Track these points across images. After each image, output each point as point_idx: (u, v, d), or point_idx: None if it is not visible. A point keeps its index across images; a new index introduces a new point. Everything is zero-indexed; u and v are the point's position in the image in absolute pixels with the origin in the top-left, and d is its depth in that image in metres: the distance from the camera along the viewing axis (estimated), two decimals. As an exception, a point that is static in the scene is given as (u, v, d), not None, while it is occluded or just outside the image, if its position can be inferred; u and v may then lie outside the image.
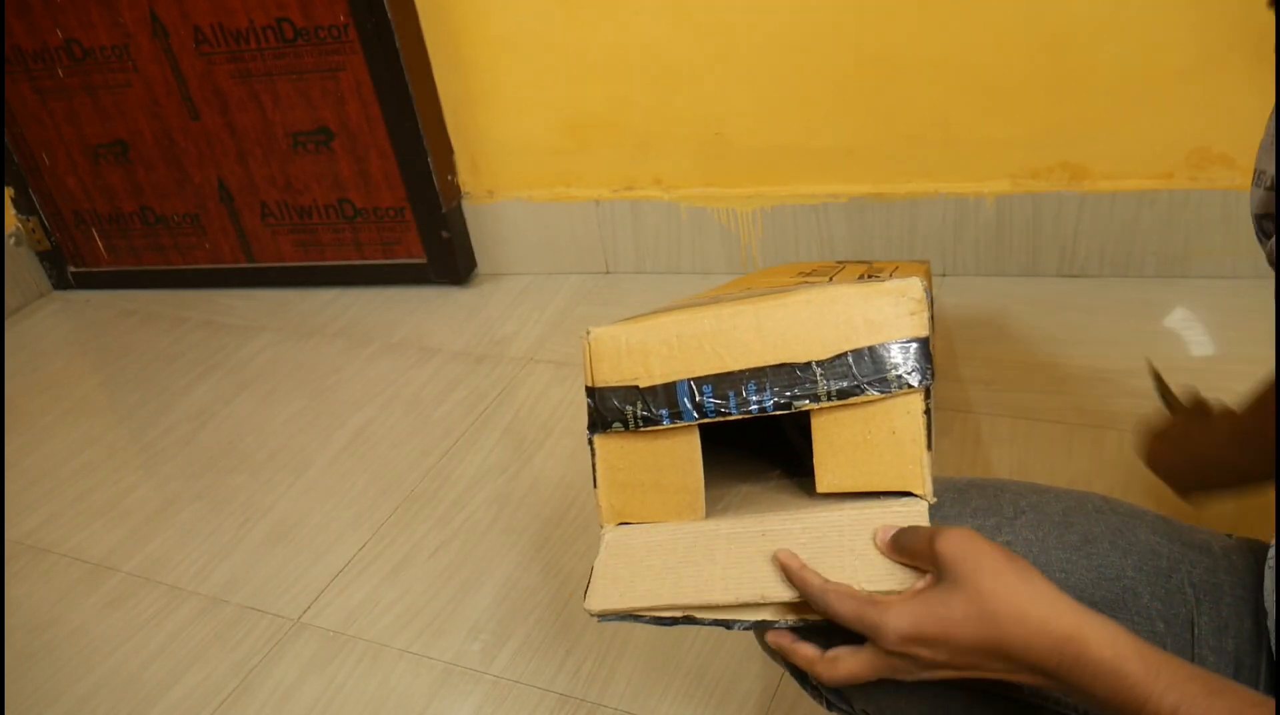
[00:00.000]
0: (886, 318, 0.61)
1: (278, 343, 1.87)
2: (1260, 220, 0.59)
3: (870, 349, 0.61)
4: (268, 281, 2.06)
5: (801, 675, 0.69)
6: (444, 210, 1.85)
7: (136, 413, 1.73)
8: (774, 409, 0.61)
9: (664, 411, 0.63)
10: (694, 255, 1.79)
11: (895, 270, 0.94)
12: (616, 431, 0.64)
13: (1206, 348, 1.42)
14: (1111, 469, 1.20)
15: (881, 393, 0.60)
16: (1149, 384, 0.95)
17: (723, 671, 1.06)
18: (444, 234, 1.87)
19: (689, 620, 0.61)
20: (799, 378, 0.61)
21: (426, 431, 1.53)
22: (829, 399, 0.61)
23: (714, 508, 0.67)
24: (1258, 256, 1.48)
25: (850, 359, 0.61)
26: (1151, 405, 0.93)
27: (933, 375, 0.61)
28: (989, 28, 1.45)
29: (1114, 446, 1.24)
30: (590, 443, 0.67)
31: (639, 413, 0.64)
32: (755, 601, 0.59)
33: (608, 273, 1.88)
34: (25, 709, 1.17)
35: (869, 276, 0.86)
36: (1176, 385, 0.90)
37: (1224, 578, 0.60)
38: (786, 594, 0.58)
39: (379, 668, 1.14)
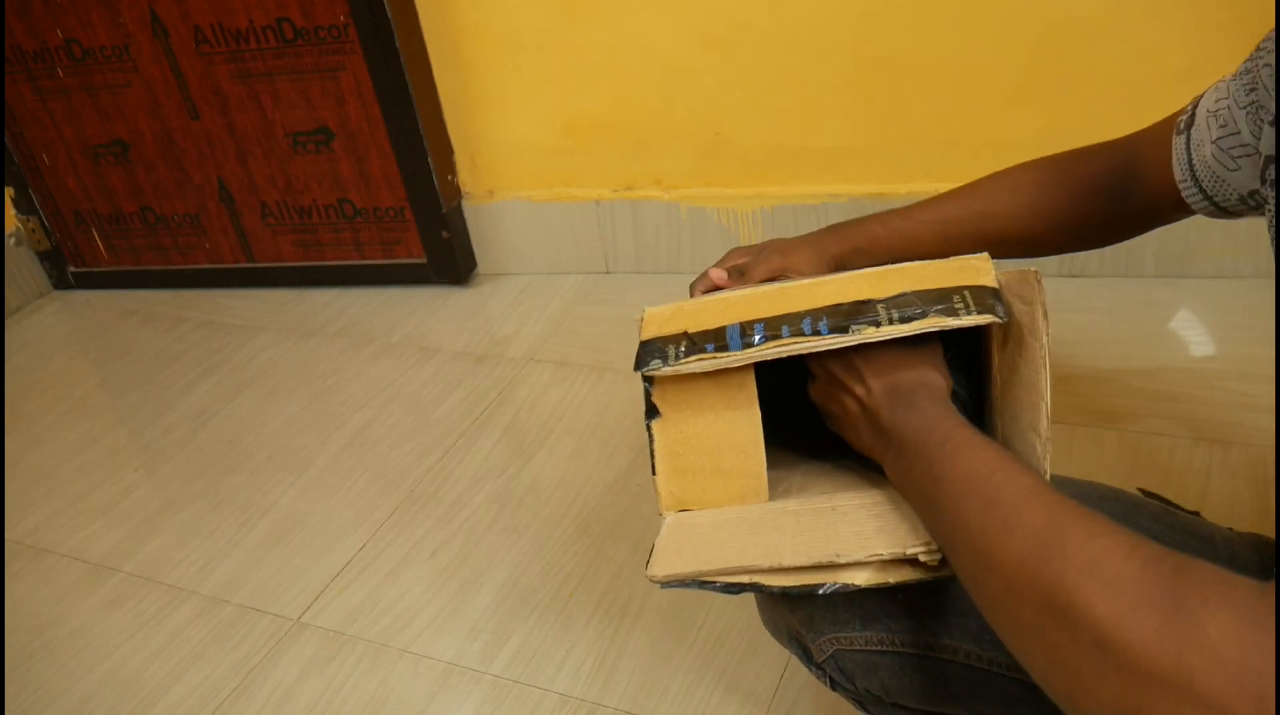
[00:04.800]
0: (951, 271, 0.60)
1: (278, 343, 1.87)
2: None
3: (937, 289, 0.59)
4: (268, 281, 2.06)
5: (808, 656, 0.69)
6: (444, 210, 1.85)
7: (136, 413, 1.73)
8: (829, 332, 0.58)
9: (710, 346, 0.60)
10: (694, 255, 1.79)
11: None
12: (655, 369, 0.61)
13: (1206, 348, 1.42)
14: (1112, 469, 1.20)
15: (948, 317, 0.57)
16: (1149, 384, 0.95)
17: (724, 670, 1.06)
18: (444, 234, 1.87)
19: (756, 587, 0.59)
20: (859, 310, 0.59)
21: (426, 431, 1.53)
22: (890, 323, 0.57)
23: (775, 490, 0.66)
24: (1258, 256, 1.48)
25: (914, 296, 0.59)
26: (1152, 405, 0.93)
27: (1008, 314, 0.58)
28: (989, 28, 1.45)
29: (1114, 446, 1.24)
30: (648, 429, 0.64)
31: (681, 349, 0.61)
32: (828, 562, 0.57)
33: (608, 273, 1.88)
34: (25, 709, 1.17)
35: None
36: None
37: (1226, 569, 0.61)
38: (860, 553, 0.57)
39: (379, 668, 1.14)
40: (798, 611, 0.68)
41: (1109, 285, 1.55)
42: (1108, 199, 0.75)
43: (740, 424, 0.63)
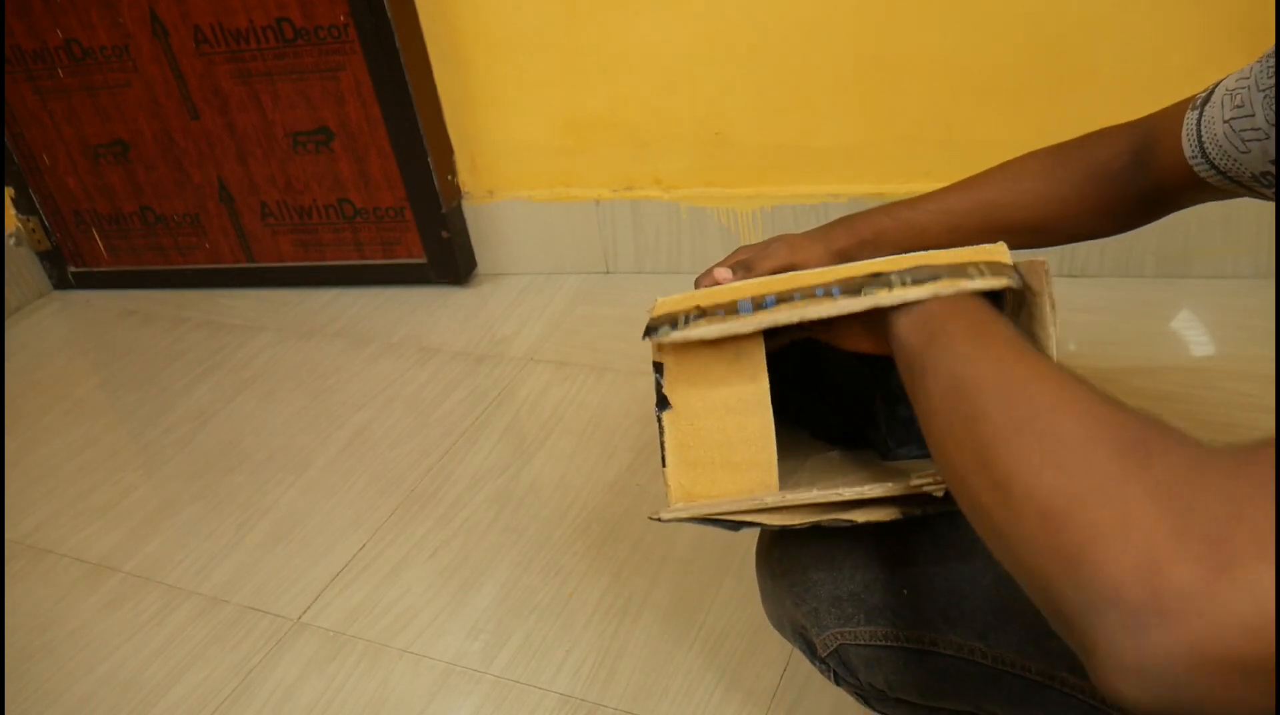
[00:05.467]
0: (966, 252, 0.60)
1: (278, 343, 1.87)
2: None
3: (950, 264, 0.58)
4: (268, 281, 2.06)
5: (812, 650, 0.69)
6: (444, 210, 1.85)
7: (136, 413, 1.73)
8: (841, 295, 0.57)
9: (720, 312, 0.60)
10: (694, 255, 1.79)
11: None
12: (665, 336, 0.60)
13: (1207, 347, 1.42)
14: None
15: (961, 278, 0.56)
16: (1149, 384, 0.95)
17: (724, 670, 1.06)
18: (444, 234, 1.87)
19: (754, 525, 0.60)
20: (872, 280, 0.58)
21: (426, 431, 1.53)
22: (903, 286, 0.56)
23: (785, 482, 0.65)
24: (1258, 256, 1.48)
25: (928, 267, 0.58)
26: (1152, 405, 0.93)
27: (1021, 282, 0.58)
28: (989, 28, 1.45)
29: (1114, 446, 1.24)
30: (659, 420, 0.64)
31: (691, 317, 0.60)
32: (832, 498, 0.58)
33: (608, 273, 1.88)
34: (25, 709, 1.17)
35: None
36: None
37: None
38: (865, 487, 0.57)
39: (379, 668, 1.14)
40: (802, 606, 0.68)
41: (1109, 285, 1.55)
42: (1119, 182, 0.74)
43: (751, 417, 0.63)
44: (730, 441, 0.64)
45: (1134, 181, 0.73)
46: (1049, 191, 0.76)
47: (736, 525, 0.60)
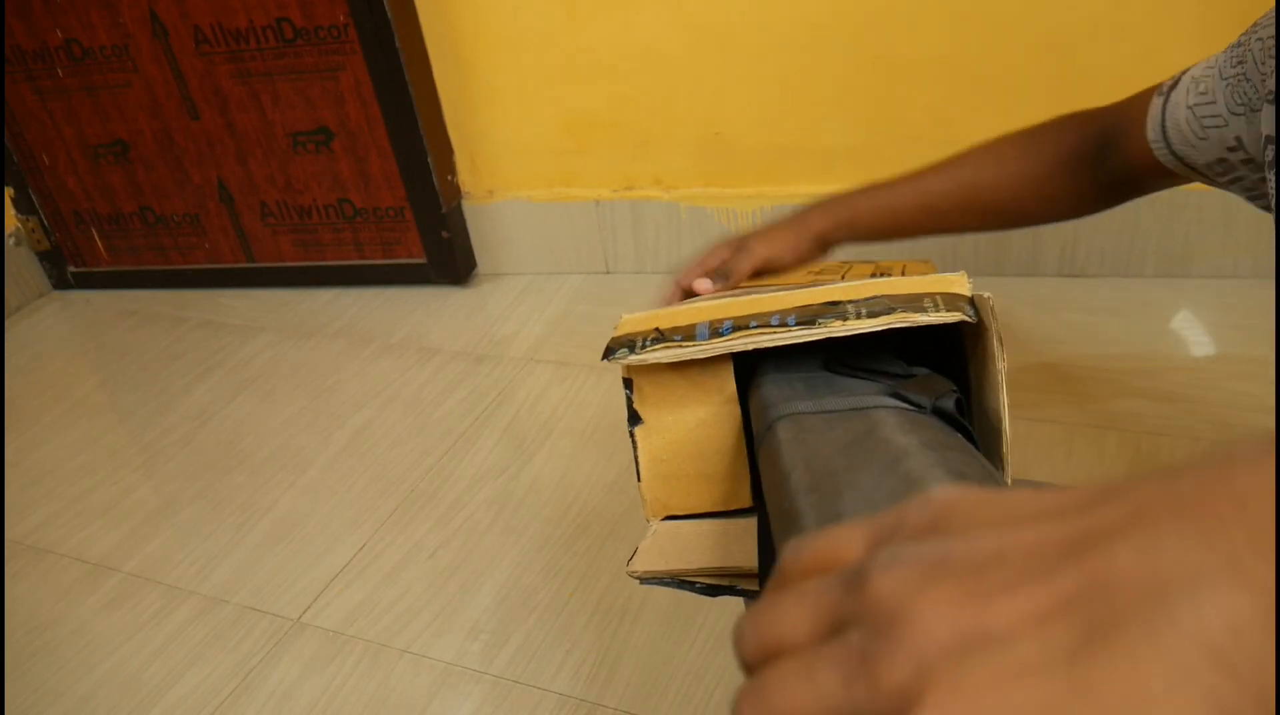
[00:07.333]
0: (926, 282, 0.60)
1: (278, 343, 1.87)
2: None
3: (908, 293, 0.58)
4: (268, 281, 2.06)
5: None
6: (444, 210, 1.85)
7: (136, 413, 1.73)
8: (796, 325, 0.57)
9: (678, 337, 0.59)
10: (694, 255, 1.79)
11: (904, 269, 0.93)
12: (622, 358, 0.60)
13: (1207, 348, 1.42)
14: (1112, 469, 1.20)
15: (916, 312, 0.55)
16: (1150, 384, 0.95)
17: (723, 671, 1.06)
18: (444, 234, 1.87)
19: (733, 590, 0.59)
20: (827, 309, 0.58)
21: (426, 431, 1.53)
22: (857, 317, 0.56)
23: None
24: (1257, 256, 1.48)
25: (885, 298, 0.58)
26: (1152, 406, 0.93)
27: (976, 316, 0.57)
28: (989, 28, 1.45)
29: (1114, 446, 1.24)
30: (631, 435, 0.64)
31: (648, 341, 0.60)
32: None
33: (608, 273, 1.88)
34: (25, 709, 1.17)
35: (879, 275, 0.85)
36: None
37: None
38: None
39: (379, 668, 1.14)
40: None
41: (1109, 285, 1.55)
42: (1089, 166, 0.75)
43: (722, 429, 0.63)
44: (703, 453, 0.64)
45: (1103, 165, 0.74)
46: (1024, 174, 0.78)
47: (715, 591, 0.59)
